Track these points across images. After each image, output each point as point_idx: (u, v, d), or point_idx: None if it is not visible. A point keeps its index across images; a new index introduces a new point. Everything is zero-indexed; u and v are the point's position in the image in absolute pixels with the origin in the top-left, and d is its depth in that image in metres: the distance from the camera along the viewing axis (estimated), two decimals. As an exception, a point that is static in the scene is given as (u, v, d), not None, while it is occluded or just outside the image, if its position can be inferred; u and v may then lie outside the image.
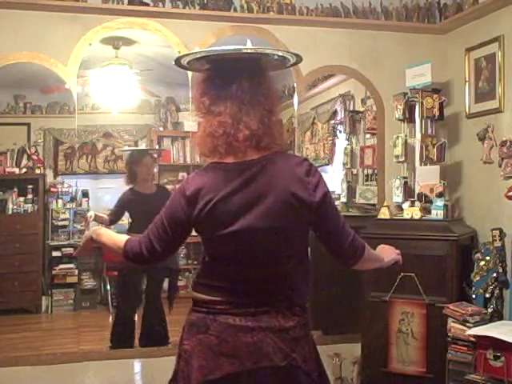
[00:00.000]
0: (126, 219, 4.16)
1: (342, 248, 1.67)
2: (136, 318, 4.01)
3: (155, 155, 4.63)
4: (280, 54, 1.68)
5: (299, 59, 1.72)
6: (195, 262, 4.61)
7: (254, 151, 1.61)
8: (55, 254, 4.78)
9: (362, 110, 4.11)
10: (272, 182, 1.58)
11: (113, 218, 4.04)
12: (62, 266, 4.77)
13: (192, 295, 1.70)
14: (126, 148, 4.78)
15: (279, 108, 1.70)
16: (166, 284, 4.09)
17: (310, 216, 1.61)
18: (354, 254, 1.69)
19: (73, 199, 4.96)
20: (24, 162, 4.87)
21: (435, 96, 3.46)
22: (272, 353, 1.59)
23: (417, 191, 3.44)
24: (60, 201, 4.91)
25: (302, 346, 1.66)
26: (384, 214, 3.46)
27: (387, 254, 1.90)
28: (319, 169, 1.72)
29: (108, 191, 4.31)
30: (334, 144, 4.44)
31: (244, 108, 1.60)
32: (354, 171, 4.14)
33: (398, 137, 3.55)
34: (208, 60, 1.65)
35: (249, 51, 1.63)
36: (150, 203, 3.66)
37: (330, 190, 1.67)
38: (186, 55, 1.65)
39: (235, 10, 3.55)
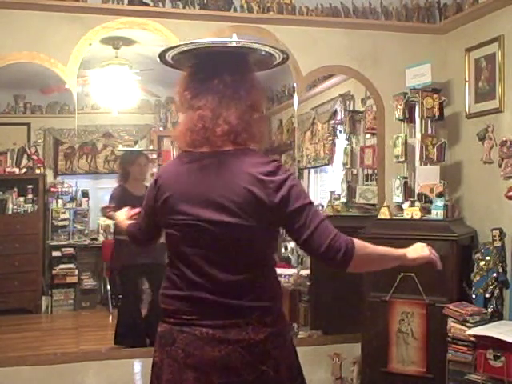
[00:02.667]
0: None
1: (319, 251, 1.52)
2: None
3: (153, 156, 4.64)
4: (267, 49, 1.63)
5: (286, 58, 1.68)
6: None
7: (230, 146, 1.57)
8: (55, 253, 4.79)
9: (362, 109, 4.11)
10: (229, 177, 1.53)
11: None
12: (61, 266, 4.77)
13: (160, 305, 1.66)
14: (121, 148, 4.79)
15: (262, 105, 1.66)
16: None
17: (272, 216, 1.53)
18: (334, 256, 1.51)
19: (73, 199, 4.96)
20: (24, 162, 4.88)
21: (435, 96, 3.46)
22: (240, 367, 1.52)
23: (417, 191, 3.44)
24: (60, 201, 4.92)
25: (275, 357, 1.57)
26: (384, 214, 3.46)
27: (415, 250, 1.73)
28: (319, 169, 1.70)
29: (108, 191, 4.31)
30: (334, 144, 4.44)
31: (224, 102, 1.57)
32: (354, 171, 4.14)
33: (398, 137, 3.55)
34: (193, 54, 1.62)
35: (234, 44, 1.61)
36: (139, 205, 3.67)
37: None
38: (170, 49, 1.61)
39: (235, 9, 3.55)
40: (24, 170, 4.86)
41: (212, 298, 1.54)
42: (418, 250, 1.73)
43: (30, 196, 4.84)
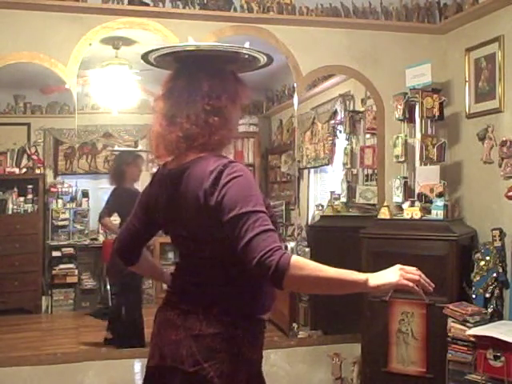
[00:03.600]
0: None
1: (251, 266, 1.39)
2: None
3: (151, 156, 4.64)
4: (234, 50, 1.58)
5: (269, 60, 1.65)
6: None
7: (190, 153, 1.55)
8: (55, 253, 4.78)
9: (362, 109, 4.11)
10: (188, 186, 1.53)
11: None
12: (61, 266, 4.77)
13: None
14: (117, 148, 4.79)
15: (230, 110, 1.61)
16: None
17: (210, 220, 1.48)
18: (265, 273, 1.38)
19: (73, 199, 4.96)
20: (24, 162, 4.88)
21: (435, 96, 3.46)
22: (185, 356, 1.53)
23: (417, 191, 3.44)
24: (60, 201, 4.91)
25: (221, 360, 1.51)
26: (384, 214, 3.46)
27: (380, 276, 1.47)
28: (319, 169, 1.68)
29: (108, 191, 4.31)
30: (334, 144, 4.44)
31: (180, 107, 1.56)
32: (354, 171, 4.14)
33: (398, 137, 3.55)
34: (175, 58, 1.62)
35: (204, 48, 1.59)
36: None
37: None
38: (150, 52, 1.62)
39: (235, 9, 3.54)
40: (24, 170, 4.86)
41: (187, 287, 1.61)
42: (384, 277, 1.47)
43: (29, 196, 4.83)
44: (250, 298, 1.59)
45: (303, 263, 1.41)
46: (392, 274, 1.48)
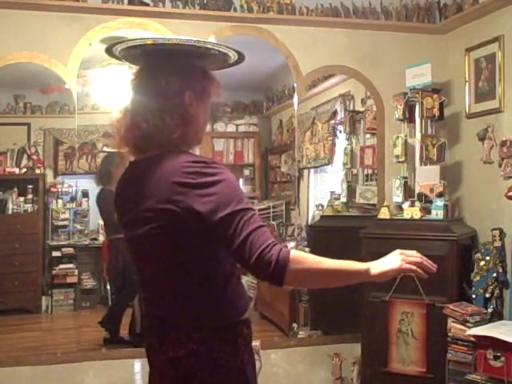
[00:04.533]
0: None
1: (249, 264, 1.32)
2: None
3: None
4: (193, 44, 1.47)
5: (240, 57, 1.56)
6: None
7: (150, 152, 1.48)
8: (55, 253, 4.78)
9: (362, 109, 4.11)
10: (152, 184, 1.42)
11: None
12: (61, 266, 4.76)
13: None
14: (106, 149, 4.77)
15: (194, 106, 1.51)
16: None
17: (190, 222, 1.37)
18: (265, 270, 1.31)
19: (73, 199, 4.95)
20: (24, 162, 4.87)
21: (435, 96, 3.46)
22: (169, 381, 1.46)
23: (417, 191, 3.44)
24: (60, 201, 4.91)
25: (202, 381, 1.43)
26: (384, 214, 3.46)
27: (381, 264, 1.44)
28: (319, 169, 1.64)
29: (108, 191, 4.31)
30: (334, 144, 4.44)
31: (138, 105, 1.51)
32: (354, 171, 4.14)
33: (398, 137, 3.55)
34: (141, 52, 1.55)
35: (163, 42, 1.48)
36: None
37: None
38: (115, 44, 1.57)
39: (235, 9, 3.55)
40: (24, 170, 4.85)
41: (155, 304, 1.53)
42: (385, 264, 1.43)
43: (30, 196, 4.83)
44: (215, 306, 1.46)
45: (303, 256, 1.37)
46: (393, 260, 1.44)
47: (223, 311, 1.47)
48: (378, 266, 1.42)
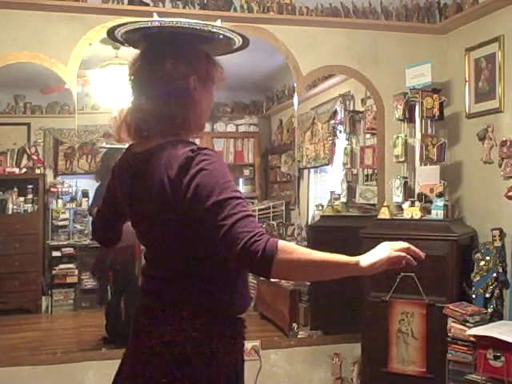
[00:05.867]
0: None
1: (234, 253, 1.28)
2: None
3: None
4: (198, 27, 1.44)
5: (245, 42, 1.53)
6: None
7: (152, 137, 1.47)
8: (55, 253, 4.78)
9: (362, 109, 4.11)
10: (152, 177, 1.42)
11: None
12: (61, 266, 4.76)
13: None
14: (105, 145, 4.78)
15: (198, 91, 1.49)
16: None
17: (182, 210, 1.38)
18: (252, 260, 1.26)
19: (73, 199, 4.95)
20: (24, 162, 4.87)
21: (435, 96, 3.46)
22: (158, 364, 1.43)
23: (417, 191, 3.44)
24: (60, 201, 4.91)
25: (195, 369, 1.42)
26: (384, 213, 3.46)
27: (370, 256, 1.41)
28: (319, 169, 1.62)
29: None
30: (334, 144, 4.44)
31: (141, 89, 1.50)
32: (354, 171, 4.14)
33: (398, 137, 3.55)
34: (142, 35, 1.52)
35: (169, 25, 1.45)
36: None
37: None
38: (117, 27, 1.52)
39: (235, 9, 3.55)
40: (24, 170, 4.85)
41: (156, 286, 1.51)
42: (374, 255, 1.41)
43: (30, 196, 4.83)
44: (222, 295, 1.47)
45: (291, 247, 1.31)
46: (381, 250, 1.42)
47: (228, 301, 1.48)
48: (367, 258, 1.40)
